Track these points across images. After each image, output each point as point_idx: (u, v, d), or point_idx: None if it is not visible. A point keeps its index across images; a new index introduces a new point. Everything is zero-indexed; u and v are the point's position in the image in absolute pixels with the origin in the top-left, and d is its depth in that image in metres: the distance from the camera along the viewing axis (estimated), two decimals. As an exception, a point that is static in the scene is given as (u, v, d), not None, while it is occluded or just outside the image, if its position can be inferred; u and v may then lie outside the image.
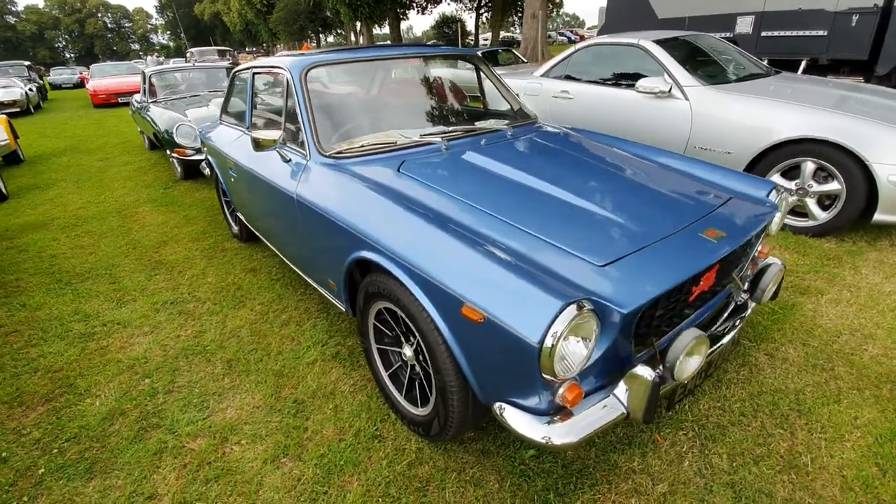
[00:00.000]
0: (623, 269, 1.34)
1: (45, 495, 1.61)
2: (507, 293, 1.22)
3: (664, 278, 1.31)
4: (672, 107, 3.64)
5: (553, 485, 1.55)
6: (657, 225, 1.56)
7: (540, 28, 15.97)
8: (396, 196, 1.70)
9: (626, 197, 1.75)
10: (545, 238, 1.47)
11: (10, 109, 12.32)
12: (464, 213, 1.61)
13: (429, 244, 1.44)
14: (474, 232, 1.49)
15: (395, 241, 1.51)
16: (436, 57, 2.83)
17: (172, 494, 1.59)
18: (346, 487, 1.58)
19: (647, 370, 1.29)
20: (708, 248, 1.46)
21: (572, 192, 1.74)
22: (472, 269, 1.32)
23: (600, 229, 1.53)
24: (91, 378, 2.19)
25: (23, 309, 2.83)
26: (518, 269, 1.28)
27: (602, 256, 1.38)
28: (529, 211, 1.63)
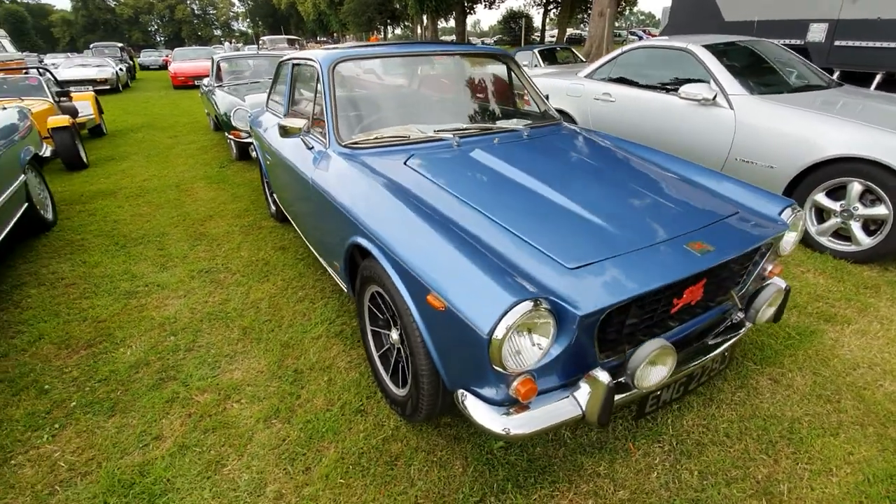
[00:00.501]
0: (592, 274, 1.37)
1: (73, 425, 1.86)
2: (469, 285, 1.29)
3: (629, 287, 1.32)
4: (715, 115, 3.49)
5: (514, 476, 1.60)
6: (644, 233, 1.56)
7: (607, 26, 15.46)
8: (394, 187, 1.80)
9: (622, 203, 1.75)
10: (524, 237, 1.51)
11: (101, 87, 13.59)
12: (452, 207, 1.68)
13: (409, 234, 1.53)
14: (456, 226, 1.56)
15: (382, 229, 1.61)
16: (463, 55, 2.89)
17: (175, 438, 1.79)
18: (323, 452, 1.71)
19: (604, 374, 1.31)
20: (689, 261, 1.45)
21: (567, 196, 1.76)
22: (443, 260, 1.39)
23: (583, 233, 1.56)
24: (127, 331, 2.46)
25: (83, 265, 3.19)
26: (485, 264, 1.34)
27: (574, 259, 1.41)
28: (518, 210, 1.68)
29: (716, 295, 1.74)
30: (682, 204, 1.80)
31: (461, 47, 2.89)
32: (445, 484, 1.58)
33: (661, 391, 1.55)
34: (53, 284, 2.94)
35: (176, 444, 1.76)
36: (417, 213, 1.61)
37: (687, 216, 1.70)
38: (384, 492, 1.55)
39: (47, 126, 5.38)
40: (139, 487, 1.59)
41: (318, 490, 1.57)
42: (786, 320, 2.42)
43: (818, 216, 3.13)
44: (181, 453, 1.72)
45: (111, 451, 1.74)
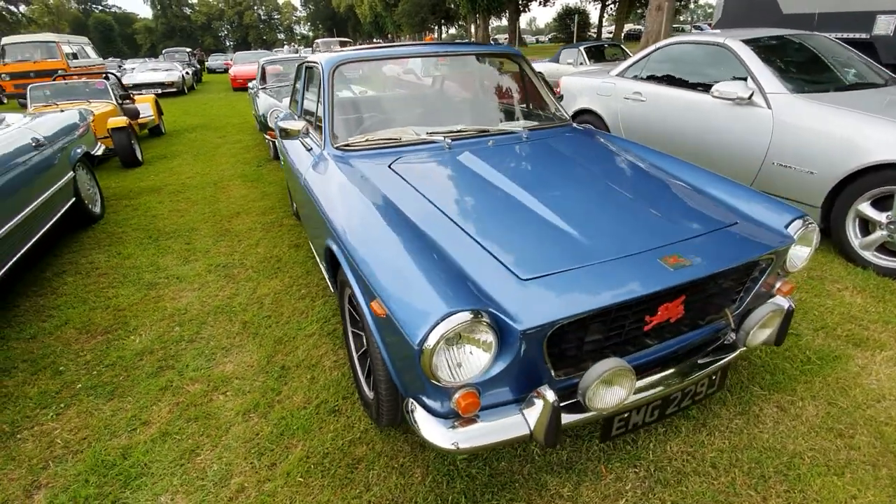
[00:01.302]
0: (545, 286, 1.30)
1: (75, 405, 2.01)
2: (410, 294, 1.26)
3: (580, 302, 1.25)
4: (751, 115, 3.23)
5: (472, 490, 1.55)
6: (617, 244, 1.47)
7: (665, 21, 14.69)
8: (370, 190, 1.80)
9: (605, 212, 1.66)
10: (486, 246, 1.46)
11: (168, 89, 14.63)
12: (423, 212, 1.65)
13: (369, 239, 1.52)
14: (421, 232, 1.53)
15: (346, 233, 1.61)
16: (472, 55, 2.84)
17: (159, 424, 1.89)
18: (291, 450, 1.74)
19: (550, 393, 1.25)
20: (658, 276, 1.34)
21: (546, 202, 1.68)
22: (393, 267, 1.37)
23: (551, 242, 1.48)
24: (141, 319, 2.63)
25: (117, 256, 3.45)
26: (434, 272, 1.31)
27: (530, 270, 1.35)
28: (489, 217, 1.63)
29: (705, 312, 1.60)
30: (674, 213, 1.68)
31: (470, 47, 2.84)
32: (401, 492, 1.56)
33: (630, 413, 1.45)
34: (88, 273, 3.19)
35: (160, 430, 1.86)
36: (383, 218, 1.60)
37: (673, 227, 1.58)
38: (339, 494, 1.56)
39: (107, 126, 5.87)
40: (118, 469, 1.69)
41: (277, 486, 1.60)
42: (808, 343, 2.20)
43: (862, 228, 2.82)
44: (162, 440, 1.81)
45: (102, 433, 1.86)
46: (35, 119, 3.69)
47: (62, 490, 1.61)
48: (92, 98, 6.71)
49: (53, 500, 1.58)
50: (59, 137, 3.68)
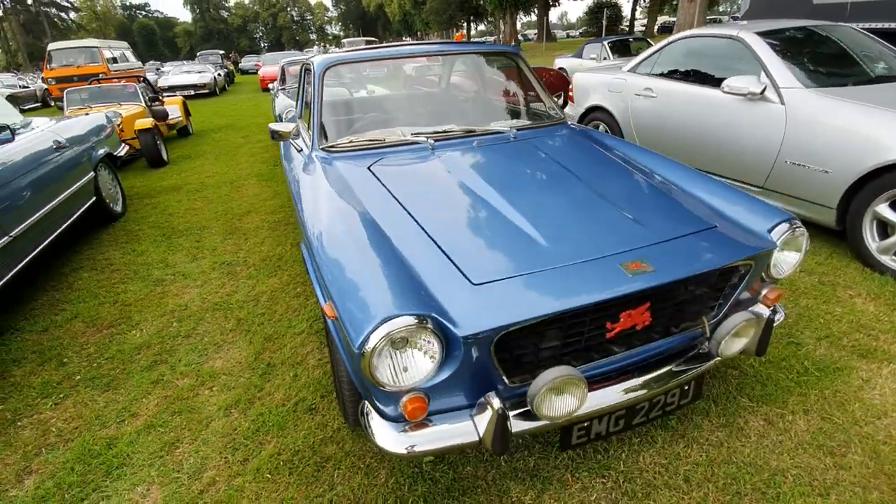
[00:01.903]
0: (495, 291, 1.28)
1: (72, 396, 2.11)
2: (358, 296, 1.26)
3: (527, 308, 1.22)
4: (763, 112, 3.08)
5: (433, 494, 1.55)
6: (579, 248, 1.43)
7: (698, 13, 14.18)
8: (344, 192, 1.81)
9: (574, 216, 1.62)
10: (444, 249, 1.45)
11: (201, 91, 15.16)
12: (390, 214, 1.65)
13: (330, 241, 1.53)
14: (382, 235, 1.53)
15: (312, 235, 1.63)
16: (467, 54, 2.82)
17: (146, 416, 1.97)
18: (264, 446, 1.78)
19: (496, 400, 1.23)
20: (615, 282, 1.30)
21: (515, 205, 1.66)
22: (348, 269, 1.38)
23: (512, 246, 1.46)
24: (144, 315, 2.74)
25: (131, 253, 3.60)
26: (385, 275, 1.32)
27: (483, 274, 1.33)
28: (454, 219, 1.62)
29: (679, 320, 1.54)
30: (649, 216, 1.62)
31: (465, 46, 2.83)
32: (364, 492, 1.57)
33: (591, 422, 1.42)
34: (102, 269, 3.35)
35: (146, 422, 1.94)
36: (350, 220, 1.61)
37: (644, 230, 1.53)
38: (303, 492, 1.58)
39: (134, 128, 6.13)
40: (102, 458, 1.77)
41: (246, 481, 1.64)
42: (808, 352, 2.09)
43: (881, 230, 2.64)
44: (146, 431, 1.89)
45: (93, 423, 1.95)
46: (59, 122, 3.89)
47: (49, 476, 1.70)
48: (123, 101, 7.03)
49: (40, 486, 1.67)
50: (80, 140, 3.87)
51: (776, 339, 2.19)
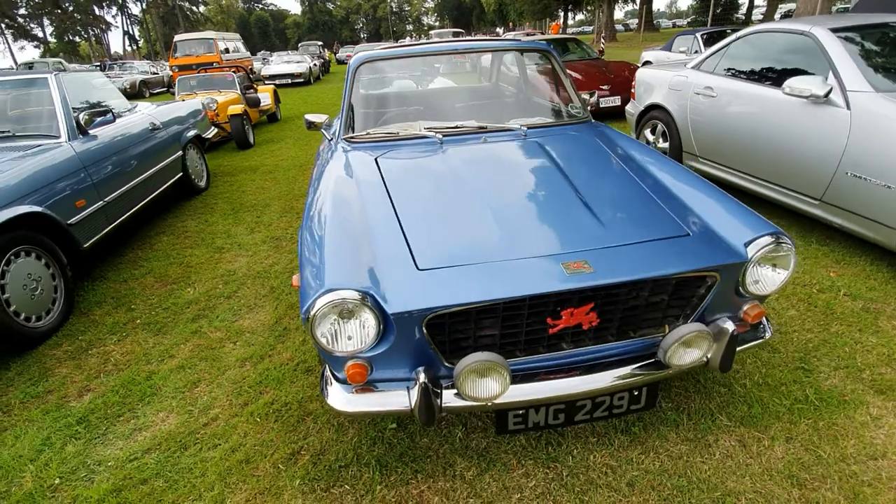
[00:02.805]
0: (434, 277, 1.40)
1: (132, 335, 2.56)
2: (314, 269, 1.45)
3: (454, 295, 1.32)
4: (826, 116, 2.80)
5: (386, 455, 1.71)
6: (530, 245, 1.50)
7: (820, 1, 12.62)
8: (346, 178, 2.01)
9: (542, 215, 1.67)
10: (408, 235, 1.58)
11: (297, 80, 16.39)
12: (374, 200, 1.81)
13: (315, 219, 1.73)
14: (359, 218, 1.69)
15: (306, 213, 1.84)
16: (498, 51, 2.88)
17: (180, 359, 2.34)
18: (262, 395, 2.06)
19: (423, 375, 1.36)
20: (549, 279, 1.36)
21: (491, 201, 1.74)
22: (317, 245, 1.57)
23: (468, 238, 1.56)
24: (200, 276, 3.19)
25: (204, 223, 4.15)
26: (346, 254, 1.49)
27: (430, 261, 1.45)
28: (429, 209, 1.74)
29: (635, 325, 1.55)
30: (620, 220, 1.63)
31: (497, 43, 2.89)
32: (329, 445, 1.78)
33: (528, 411, 1.49)
34: (178, 235, 3.91)
35: (178, 363, 2.31)
36: (340, 203, 1.80)
37: (606, 233, 1.55)
38: (281, 437, 1.83)
39: (227, 113, 6.90)
40: (140, 387, 2.16)
41: (240, 421, 1.92)
42: (817, 380, 1.94)
43: (946, 257, 2.32)
44: (178, 370, 2.26)
45: (141, 359, 2.36)
46: (159, 107, 4.55)
47: (100, 395, 2.12)
48: (222, 88, 7.89)
49: (92, 402, 2.08)
50: (173, 123, 4.49)
51: (783, 362, 2.05)
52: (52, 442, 1.88)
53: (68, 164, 2.93)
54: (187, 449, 1.81)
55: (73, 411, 2.04)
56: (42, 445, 1.87)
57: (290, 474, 1.66)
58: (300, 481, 1.64)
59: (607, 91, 6.97)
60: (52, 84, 3.23)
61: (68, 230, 2.79)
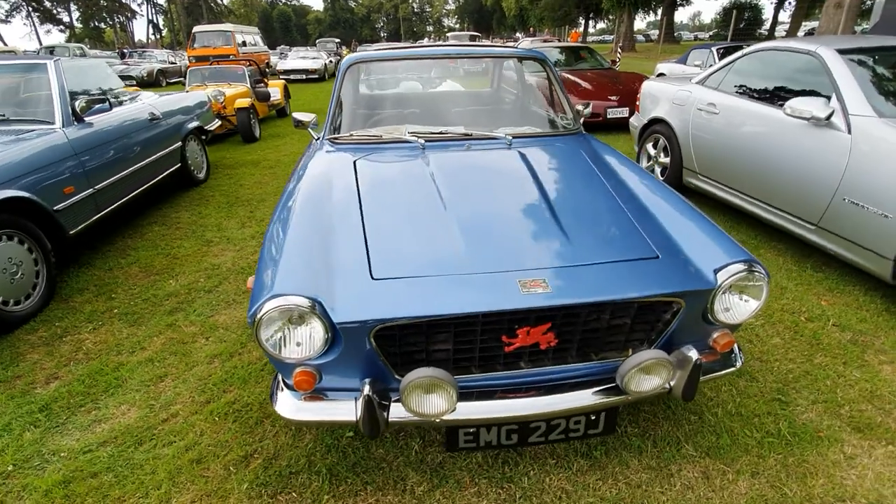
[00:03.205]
0: (384, 288, 1.37)
1: (107, 325, 2.56)
2: (267, 273, 1.42)
3: (399, 308, 1.29)
4: (826, 139, 2.72)
5: (338, 464, 1.68)
6: (492, 261, 1.46)
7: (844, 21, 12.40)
8: (321, 180, 1.98)
9: (508, 228, 1.63)
10: (370, 243, 1.55)
11: (311, 76, 16.48)
12: (341, 205, 1.78)
13: (280, 223, 1.70)
14: (328, 223, 1.67)
15: (274, 215, 1.82)
16: (492, 58, 2.85)
17: (151, 351, 2.33)
18: (225, 393, 2.04)
19: (367, 387, 1.32)
20: (501, 297, 1.32)
21: (460, 212, 1.70)
22: (275, 248, 1.54)
23: (429, 249, 1.53)
24: (185, 268, 3.19)
25: (197, 215, 4.16)
26: (303, 259, 1.46)
27: (385, 271, 1.42)
28: (395, 217, 1.71)
29: (597, 348, 1.50)
30: (587, 238, 1.58)
31: (491, 50, 2.85)
32: (283, 449, 1.75)
33: (479, 429, 1.45)
34: (169, 226, 3.92)
35: (148, 356, 2.30)
36: (308, 206, 1.77)
37: (570, 252, 1.50)
38: (235, 438, 1.80)
39: (234, 106, 6.93)
40: (107, 378, 2.15)
41: (199, 418, 1.90)
42: (792, 413, 1.87)
43: (940, 293, 2.23)
44: (146, 363, 2.25)
45: (112, 349, 2.36)
46: (161, 98, 4.58)
47: (66, 384, 2.12)
48: (232, 81, 7.94)
49: (58, 390, 2.08)
50: (173, 114, 4.51)
51: (760, 392, 1.98)
52: (11, 428, 1.87)
53: (59, 150, 2.94)
54: (142, 444, 1.79)
55: (37, 398, 2.03)
56: (1, 431, 1.86)
57: (239, 477, 1.64)
58: (248, 485, 1.61)
59: (616, 102, 6.89)
60: (51, 70, 3.25)
61: (54, 216, 2.80)
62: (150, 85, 16.33)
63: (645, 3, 28.74)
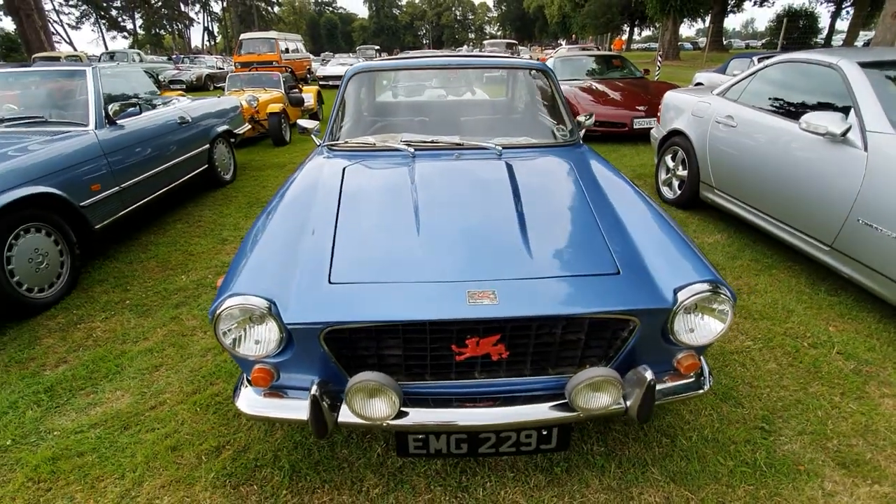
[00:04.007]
0: (338, 292, 1.41)
1: (118, 315, 2.74)
2: (233, 272, 1.50)
3: (351, 312, 1.33)
4: (841, 157, 2.59)
5: (301, 461, 1.73)
6: (446, 270, 1.48)
7: (902, 31, 11.67)
8: (309, 184, 2.06)
9: (472, 239, 1.62)
10: (336, 247, 1.60)
11: (345, 81, 16.88)
12: (321, 209, 1.84)
13: (261, 224, 1.78)
14: (301, 225, 1.73)
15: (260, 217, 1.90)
16: (494, 69, 2.87)
17: (152, 342, 2.48)
18: (211, 386, 2.13)
19: (315, 387, 1.37)
20: (449, 307, 1.34)
21: (429, 220, 1.72)
22: (248, 249, 1.62)
23: (390, 256, 1.56)
24: (197, 264, 3.36)
25: (218, 214, 4.37)
26: (270, 260, 1.53)
27: (342, 275, 1.47)
28: (366, 224, 1.75)
29: (551, 362, 1.49)
30: (549, 252, 1.58)
31: (493, 61, 2.88)
32: (253, 443, 1.82)
33: (428, 436, 1.47)
34: (191, 224, 4.14)
35: (148, 346, 2.44)
36: (290, 210, 1.85)
37: (527, 265, 1.50)
38: (213, 429, 1.89)
39: (267, 110, 7.23)
40: (108, 365, 2.30)
41: (183, 408, 2.01)
42: (773, 443, 1.79)
43: (954, 324, 2.07)
44: (146, 353, 2.39)
45: (118, 338, 2.52)
46: (193, 102, 4.84)
47: (71, 368, 2.28)
48: (268, 87, 8.28)
49: (64, 373, 2.24)
50: (204, 118, 4.77)
51: (743, 419, 1.90)
52: (17, 406, 2.04)
53: (89, 150, 3.18)
54: (128, 429, 1.91)
55: (44, 380, 2.20)
56: (8, 408, 2.03)
57: (207, 467, 1.72)
58: (215, 475, 1.69)
59: (643, 112, 6.73)
60: (89, 77, 3.52)
61: (81, 211, 3.03)
62: (199, 89, 17.20)
63: (691, 11, 27.83)
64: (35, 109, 3.48)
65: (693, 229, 3.85)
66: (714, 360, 2.25)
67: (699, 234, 3.76)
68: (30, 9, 18.58)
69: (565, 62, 8.88)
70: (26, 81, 3.70)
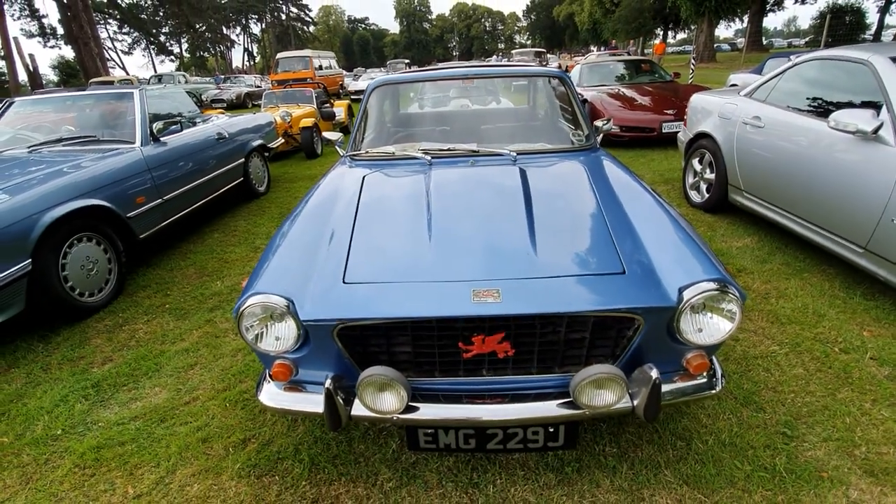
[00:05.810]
0: (351, 291, 1.50)
1: (158, 318, 2.93)
2: (257, 273, 1.61)
3: (362, 310, 1.40)
4: (873, 155, 2.50)
5: (320, 455, 1.81)
6: (454, 270, 1.54)
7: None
8: (331, 191, 2.17)
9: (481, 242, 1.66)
10: (352, 250, 1.69)
11: (379, 95, 17.32)
12: (341, 215, 1.93)
13: (286, 229, 1.89)
14: (321, 229, 1.83)
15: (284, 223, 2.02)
16: (512, 77, 2.93)
17: (188, 343, 2.64)
18: (240, 384, 2.26)
19: (329, 381, 1.45)
20: (453, 305, 1.39)
21: (442, 224, 1.79)
22: (271, 252, 1.73)
23: (403, 258, 1.64)
24: (232, 271, 3.55)
25: (252, 224, 4.59)
26: (293, 262, 1.64)
27: (356, 276, 1.55)
28: (385, 228, 1.83)
29: (560, 360, 1.52)
30: (556, 253, 1.61)
31: (511, 69, 2.94)
32: (277, 437, 1.92)
33: (437, 431, 1.52)
34: (227, 233, 4.37)
35: (185, 347, 2.61)
36: (313, 216, 1.97)
37: (531, 264, 1.54)
38: (239, 423, 2.00)
39: (299, 125, 7.54)
40: (148, 363, 2.47)
41: (214, 403, 2.13)
42: (796, 449, 1.74)
43: None
44: (182, 353, 2.55)
45: (158, 339, 2.70)
46: (231, 119, 5.13)
47: (116, 366, 2.46)
48: (301, 102, 8.64)
49: (109, 371, 2.43)
50: (240, 134, 5.04)
51: (764, 423, 1.86)
52: (67, 399, 2.22)
53: (136, 166, 3.43)
54: (164, 422, 2.05)
55: (92, 376, 2.39)
56: (60, 401, 2.21)
57: (234, 458, 1.83)
58: (240, 465, 1.79)
59: (672, 116, 6.61)
60: (136, 98, 3.81)
61: (127, 222, 3.27)
62: (238, 107, 18.04)
63: (728, 11, 27.07)
64: (89, 129, 3.79)
65: (722, 233, 3.75)
66: (736, 365, 2.20)
67: (728, 237, 3.66)
68: (87, 38, 20.08)
69: (593, 68, 8.83)
70: (82, 104, 4.04)
